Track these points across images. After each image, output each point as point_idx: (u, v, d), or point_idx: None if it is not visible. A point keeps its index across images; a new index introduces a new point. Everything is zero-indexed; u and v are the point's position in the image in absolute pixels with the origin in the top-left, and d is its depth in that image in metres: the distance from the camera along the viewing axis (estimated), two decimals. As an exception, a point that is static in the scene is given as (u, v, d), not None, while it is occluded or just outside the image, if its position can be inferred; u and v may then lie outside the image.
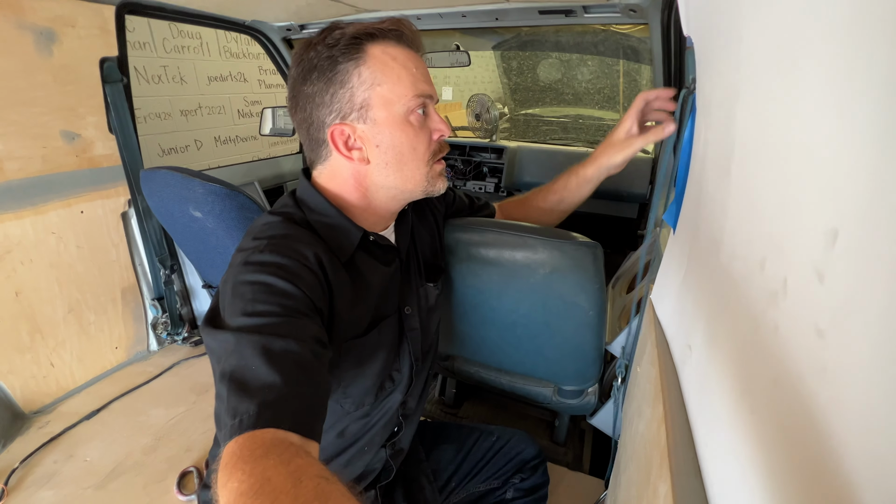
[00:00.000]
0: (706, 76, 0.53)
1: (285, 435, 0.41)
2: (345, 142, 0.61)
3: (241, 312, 0.49)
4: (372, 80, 0.58)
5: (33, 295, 1.23)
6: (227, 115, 3.02)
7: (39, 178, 1.17)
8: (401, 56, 0.59)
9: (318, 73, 0.59)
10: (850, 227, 0.21)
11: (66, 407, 1.32)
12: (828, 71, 0.23)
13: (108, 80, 1.25)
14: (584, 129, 2.61)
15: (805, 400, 0.25)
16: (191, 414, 1.31)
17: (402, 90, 0.59)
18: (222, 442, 0.41)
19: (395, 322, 0.71)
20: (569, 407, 1.08)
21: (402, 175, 0.63)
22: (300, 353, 0.47)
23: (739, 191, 0.38)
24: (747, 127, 0.35)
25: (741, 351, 0.36)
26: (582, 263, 0.78)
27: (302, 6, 1.45)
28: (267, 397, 0.43)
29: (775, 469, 0.28)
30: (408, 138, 0.61)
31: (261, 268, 0.53)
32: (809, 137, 0.25)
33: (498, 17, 1.44)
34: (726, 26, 0.41)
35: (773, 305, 0.30)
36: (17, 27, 1.04)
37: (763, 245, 0.32)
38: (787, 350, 0.28)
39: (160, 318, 1.57)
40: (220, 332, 0.49)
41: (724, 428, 0.37)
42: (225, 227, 1.17)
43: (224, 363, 0.46)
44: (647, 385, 0.64)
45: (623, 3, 1.21)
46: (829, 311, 0.23)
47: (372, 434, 0.73)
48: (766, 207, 0.31)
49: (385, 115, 0.59)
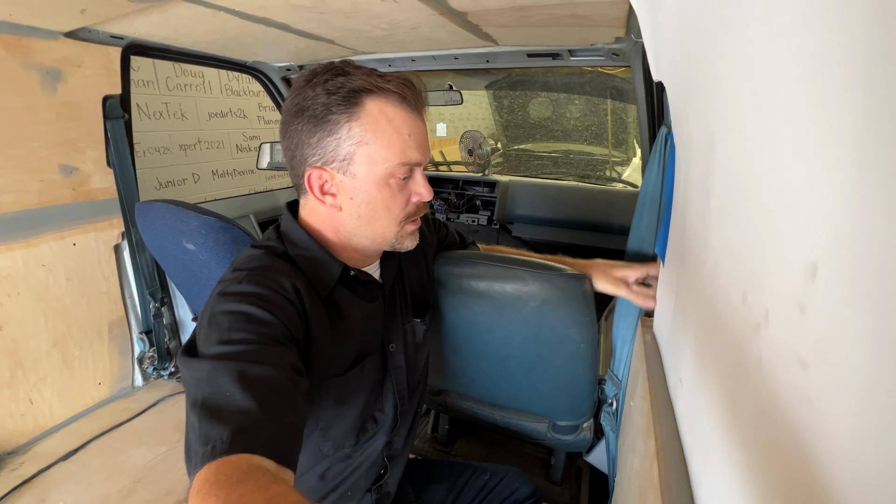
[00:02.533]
0: (682, 117, 0.55)
1: (260, 461, 0.40)
2: (320, 186, 0.61)
3: (217, 341, 0.49)
4: (361, 137, 0.57)
5: (17, 329, 1.20)
6: (226, 150, 3.08)
7: (34, 210, 1.18)
8: (397, 119, 0.58)
9: (309, 114, 0.58)
10: (829, 261, 0.21)
11: (42, 447, 1.26)
12: (801, 113, 0.24)
13: (110, 116, 1.28)
14: (574, 164, 2.68)
15: (791, 430, 0.25)
16: (173, 454, 1.26)
17: (388, 154, 0.58)
18: (192, 470, 0.40)
19: (379, 360, 0.70)
20: (564, 443, 1.06)
21: (371, 229, 0.63)
22: (277, 380, 0.47)
23: (719, 226, 0.39)
24: (725, 167, 0.37)
25: (727, 383, 0.36)
26: (572, 295, 0.78)
27: (301, 48, 1.52)
28: (242, 423, 0.41)
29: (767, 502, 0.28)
30: (383, 198, 0.61)
31: (238, 298, 0.53)
32: (787, 177, 0.26)
33: (489, 59, 1.51)
34: (700, 73, 0.44)
35: (755, 338, 0.30)
36: (25, 67, 1.08)
37: (744, 279, 0.32)
38: (772, 381, 0.28)
39: (147, 353, 1.54)
40: (194, 361, 0.48)
41: (717, 462, 0.37)
42: (217, 259, 1.17)
43: (196, 391, 0.45)
44: (640, 419, 0.64)
45: (606, 48, 1.28)
46: (811, 343, 0.23)
47: (356, 477, 0.70)
48: (745, 243, 0.32)
49: (366, 173, 0.59)
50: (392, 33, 1.28)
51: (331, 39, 1.38)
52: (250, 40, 1.40)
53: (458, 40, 1.36)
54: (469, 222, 2.07)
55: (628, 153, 2.81)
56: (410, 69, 1.66)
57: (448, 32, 1.25)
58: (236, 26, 1.21)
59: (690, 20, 0.43)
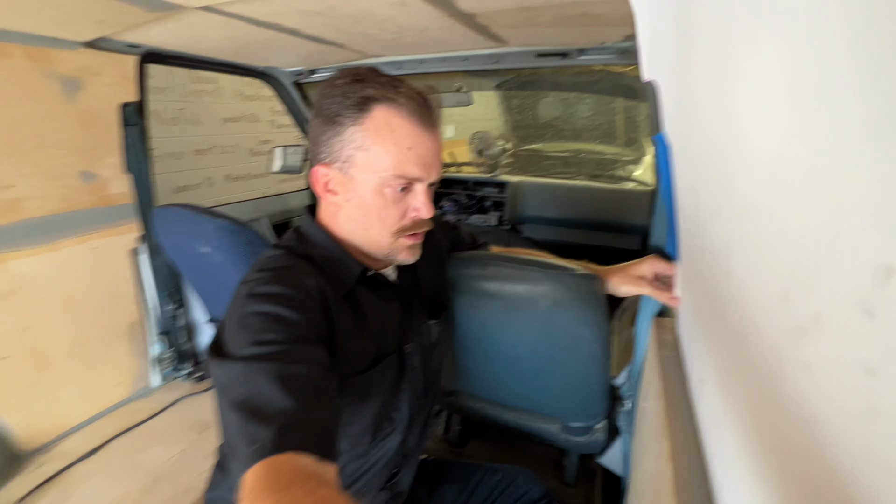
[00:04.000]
0: (683, 118, 0.55)
1: (305, 459, 0.41)
2: (325, 183, 0.62)
3: (250, 342, 0.50)
4: (361, 142, 0.58)
5: (42, 330, 1.24)
6: (240, 154, 3.14)
7: (57, 215, 1.22)
8: (400, 130, 0.58)
9: (324, 114, 0.61)
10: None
11: (64, 445, 1.30)
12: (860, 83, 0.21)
13: (127, 123, 1.32)
14: (584, 164, 2.67)
15: (848, 441, 0.24)
16: (191, 452, 1.28)
17: (383, 164, 0.59)
18: (239, 470, 0.42)
19: (396, 360, 0.70)
20: (577, 444, 1.05)
21: (366, 234, 0.64)
22: (312, 378, 0.48)
23: (748, 226, 0.37)
24: (753, 168, 0.35)
25: (762, 387, 0.34)
26: (584, 295, 0.78)
27: (312, 53, 1.54)
28: (284, 422, 0.43)
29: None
30: (377, 207, 0.61)
31: (266, 298, 0.54)
32: (843, 181, 0.23)
33: (497, 60, 1.51)
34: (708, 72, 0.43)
35: (801, 340, 0.29)
36: (46, 77, 1.12)
37: (784, 279, 0.31)
38: (824, 387, 0.26)
39: (165, 354, 1.57)
40: (227, 362, 0.49)
41: (746, 467, 0.35)
42: (233, 262, 1.19)
43: (234, 392, 0.47)
44: (654, 420, 0.63)
45: (615, 46, 1.27)
46: (882, 349, 0.22)
47: (370, 475, 0.71)
48: (787, 242, 0.31)
49: (362, 178, 0.60)
50: (401, 36, 1.29)
51: (341, 44, 1.40)
52: (262, 46, 1.43)
53: (466, 42, 1.36)
54: (479, 223, 2.07)
55: (640, 152, 2.78)
56: (420, 71, 1.67)
57: (456, 34, 1.25)
58: (248, 33, 1.23)
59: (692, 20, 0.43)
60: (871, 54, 0.20)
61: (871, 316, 0.22)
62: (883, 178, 0.21)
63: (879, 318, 0.21)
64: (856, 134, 0.22)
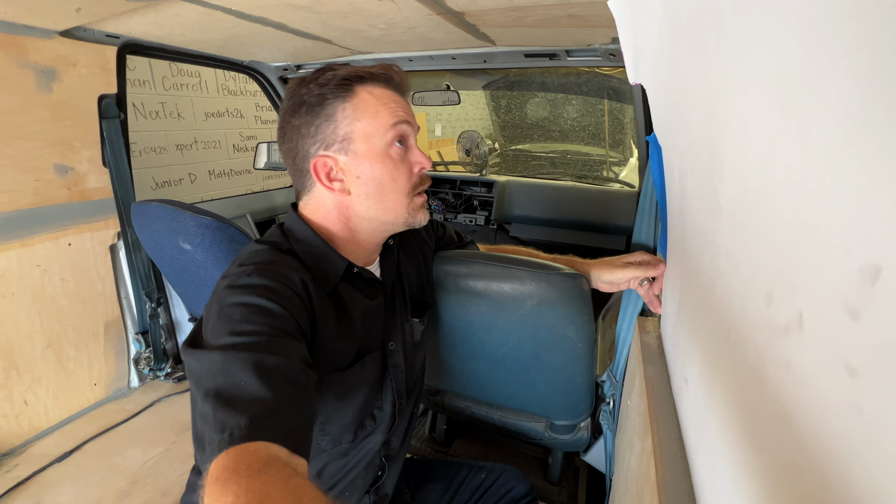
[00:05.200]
0: (670, 119, 0.55)
1: (278, 449, 0.40)
2: (327, 173, 0.62)
3: (229, 332, 0.48)
4: (354, 115, 0.61)
5: (12, 329, 1.20)
6: (223, 150, 3.07)
7: (29, 210, 1.17)
8: (383, 95, 0.63)
9: (307, 107, 0.61)
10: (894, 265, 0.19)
11: (37, 448, 1.25)
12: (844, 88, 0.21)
13: (106, 115, 1.27)
14: (571, 164, 2.69)
15: (829, 440, 0.24)
16: (169, 455, 1.25)
17: (379, 123, 0.62)
18: (207, 458, 0.39)
19: (379, 357, 0.70)
20: (562, 443, 1.06)
21: (382, 206, 0.64)
22: (290, 371, 0.47)
23: (734, 226, 0.37)
24: (740, 168, 0.36)
25: (744, 386, 0.35)
26: (569, 295, 0.78)
27: (298, 48, 1.51)
28: (259, 411, 0.42)
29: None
30: (387, 170, 0.63)
31: (248, 290, 0.53)
32: (829, 182, 0.24)
33: (486, 59, 1.51)
34: (694, 75, 0.44)
35: (784, 340, 0.29)
36: (19, 66, 1.07)
37: (768, 279, 0.31)
38: (806, 386, 0.27)
39: (143, 353, 1.53)
40: (203, 352, 0.48)
41: (726, 464, 0.36)
42: (214, 259, 1.17)
43: (209, 381, 0.45)
44: (638, 418, 0.64)
45: (603, 48, 1.28)
46: (865, 350, 0.22)
47: (353, 477, 0.70)
48: (771, 242, 0.31)
49: (366, 148, 0.62)
50: (389, 33, 1.28)
51: (328, 39, 1.38)
52: (247, 40, 1.40)
53: (455, 40, 1.36)
54: (467, 222, 2.07)
55: (625, 153, 2.82)
56: (408, 69, 1.66)
57: (445, 32, 1.25)
58: (233, 26, 1.20)
59: (680, 24, 0.44)
60: (857, 56, 0.20)
61: (855, 317, 0.22)
62: (868, 180, 0.21)
63: (864, 319, 0.21)
64: (841, 135, 0.22)
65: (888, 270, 0.20)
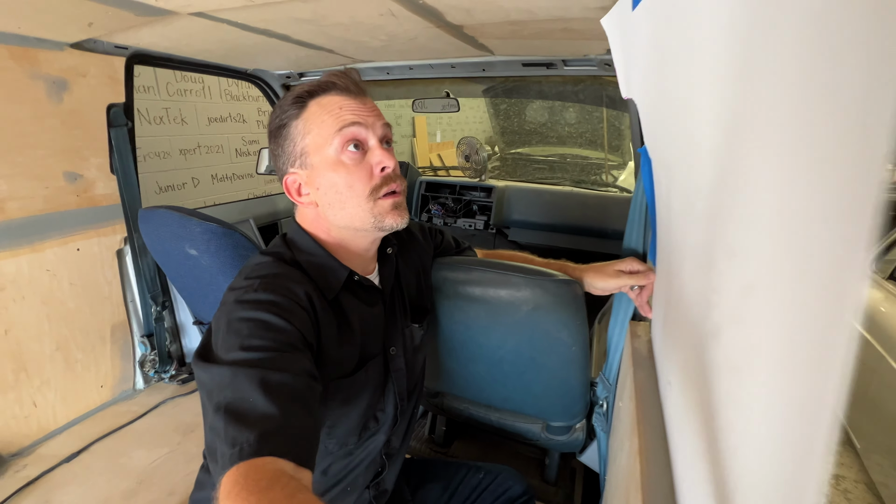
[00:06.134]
0: (657, 133, 0.59)
1: (284, 464, 0.43)
2: (297, 189, 0.66)
3: (238, 347, 0.51)
4: (305, 129, 0.63)
5: (22, 333, 1.23)
6: (225, 154, 3.11)
7: (39, 216, 1.20)
8: (331, 103, 0.63)
9: (275, 132, 0.66)
10: (762, 282, 0.24)
11: (45, 449, 1.28)
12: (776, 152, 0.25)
13: (114, 124, 1.31)
14: (569, 168, 2.72)
15: (730, 432, 0.28)
16: (175, 455, 1.28)
17: (326, 132, 0.62)
18: (219, 471, 0.43)
19: (381, 362, 0.72)
20: (558, 444, 1.08)
21: (346, 213, 0.65)
22: (295, 386, 0.50)
23: (697, 239, 0.42)
24: (701, 183, 0.40)
25: (700, 388, 0.38)
26: (563, 300, 0.81)
27: (301, 57, 1.55)
28: (266, 427, 0.44)
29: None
30: (342, 178, 0.63)
31: (255, 305, 0.55)
32: (738, 204, 0.29)
33: (485, 68, 1.55)
34: (675, 95, 0.47)
35: (715, 345, 0.33)
36: (31, 77, 1.11)
37: (710, 290, 0.35)
38: (718, 386, 0.31)
39: (148, 356, 1.56)
40: (214, 367, 0.51)
41: (699, 462, 0.39)
42: (219, 264, 1.20)
43: (219, 396, 0.48)
44: (627, 419, 0.67)
45: (598, 58, 1.31)
46: (743, 352, 0.26)
47: (355, 474, 0.73)
48: (711, 257, 0.35)
49: (319, 160, 0.63)
50: (390, 44, 1.31)
51: (330, 49, 1.42)
52: (251, 50, 1.43)
53: (454, 50, 1.39)
54: (466, 227, 2.10)
55: (624, 157, 2.85)
56: (408, 77, 1.69)
57: (445, 43, 1.28)
58: (238, 37, 1.23)
59: (660, 46, 0.47)
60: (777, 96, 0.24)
61: (741, 324, 0.26)
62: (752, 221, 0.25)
63: (745, 325, 0.26)
64: (758, 157, 0.26)
65: (758, 286, 0.25)
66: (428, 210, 2.21)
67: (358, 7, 0.96)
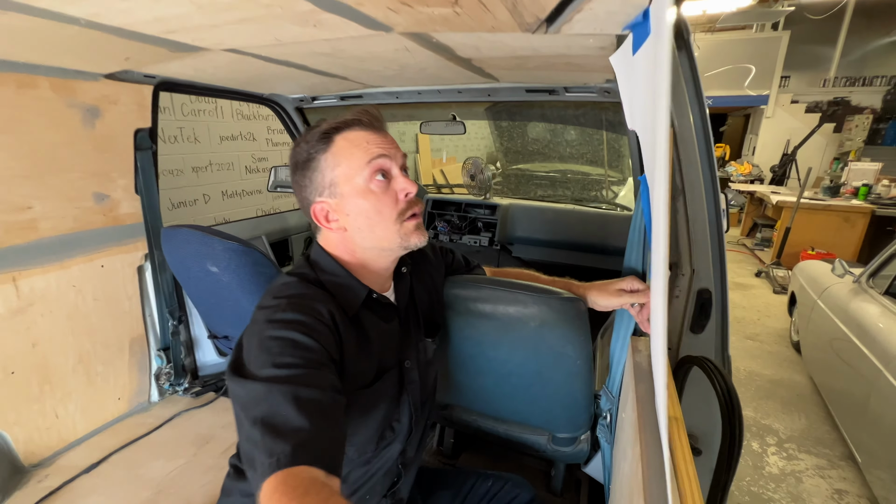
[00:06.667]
0: (651, 165, 0.65)
1: (317, 472, 0.48)
2: (325, 216, 0.72)
3: (270, 364, 0.57)
4: (334, 162, 0.70)
5: (48, 346, 1.28)
6: (236, 171, 3.20)
7: (69, 235, 1.27)
8: (357, 137, 0.71)
9: (301, 165, 0.72)
10: None
11: (65, 460, 1.32)
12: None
13: (140, 147, 1.38)
14: (571, 184, 2.79)
15: None
16: (191, 466, 1.32)
17: (356, 164, 0.70)
18: (258, 478, 0.48)
19: (396, 374, 0.78)
20: (563, 455, 1.12)
21: (375, 235, 0.72)
22: (323, 401, 0.55)
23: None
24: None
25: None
26: (567, 317, 0.87)
27: (316, 83, 1.63)
28: (300, 439, 0.50)
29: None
30: (371, 204, 0.70)
31: (284, 325, 0.61)
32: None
33: (490, 93, 1.63)
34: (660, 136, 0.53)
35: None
36: (68, 106, 1.18)
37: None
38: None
39: (164, 369, 1.61)
40: (248, 382, 0.56)
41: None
42: (238, 281, 1.26)
43: (254, 410, 0.53)
44: (630, 429, 0.71)
45: (598, 87, 1.39)
46: None
47: (373, 482, 0.77)
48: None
49: (349, 188, 0.70)
50: (401, 73, 1.39)
51: (344, 76, 1.50)
52: (269, 77, 1.51)
53: (461, 78, 1.47)
54: (471, 243, 2.16)
55: (624, 173, 2.92)
56: (416, 101, 1.78)
57: (453, 72, 1.36)
58: (260, 67, 1.32)
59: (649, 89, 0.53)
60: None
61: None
62: None
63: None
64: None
65: None
66: (434, 227, 2.27)
67: (375, 43, 1.03)
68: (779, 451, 2.20)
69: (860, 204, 4.45)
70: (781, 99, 6.59)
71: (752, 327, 3.57)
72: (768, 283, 4.47)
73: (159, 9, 0.70)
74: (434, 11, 0.69)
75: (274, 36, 0.89)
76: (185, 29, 0.83)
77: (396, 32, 0.86)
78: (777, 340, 3.35)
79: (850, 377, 2.06)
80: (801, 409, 2.52)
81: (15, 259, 1.17)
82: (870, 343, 1.93)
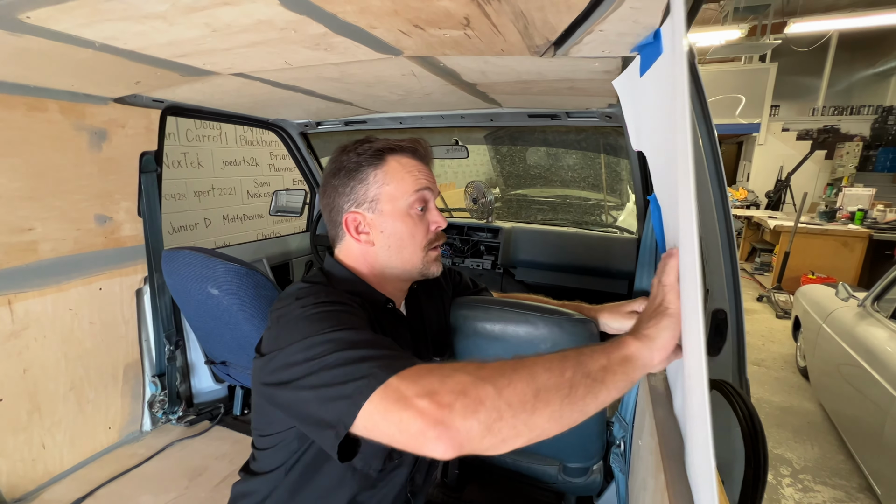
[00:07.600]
0: (666, 187, 0.64)
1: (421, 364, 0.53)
2: (356, 227, 0.74)
3: (330, 327, 0.57)
4: (384, 180, 0.73)
5: (40, 372, 1.24)
6: (237, 196, 3.21)
7: (68, 257, 1.25)
8: (410, 165, 0.75)
9: (345, 171, 0.74)
10: None
11: (49, 494, 1.25)
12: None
13: (145, 170, 1.39)
14: (571, 209, 2.81)
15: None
16: (181, 500, 1.25)
17: (404, 188, 0.73)
18: (374, 384, 0.49)
19: None
20: (575, 486, 1.07)
21: (401, 257, 0.74)
22: (386, 339, 0.58)
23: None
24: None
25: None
26: (580, 338, 0.84)
27: (321, 108, 1.66)
28: (395, 351, 0.55)
29: None
30: (407, 227, 0.74)
31: (325, 304, 0.61)
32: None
33: (493, 118, 1.65)
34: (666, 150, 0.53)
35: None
36: (76, 129, 1.19)
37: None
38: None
39: (158, 396, 1.55)
40: (306, 339, 0.56)
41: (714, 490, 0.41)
42: (240, 304, 1.23)
43: (339, 344, 0.54)
44: (650, 457, 0.68)
45: (600, 111, 1.42)
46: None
47: None
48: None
49: (390, 208, 0.73)
50: (406, 98, 1.42)
51: (349, 102, 1.52)
52: (275, 102, 1.54)
53: (465, 103, 1.50)
54: (474, 266, 2.15)
55: (622, 198, 2.94)
56: (420, 126, 1.80)
57: (457, 97, 1.38)
58: (266, 92, 1.34)
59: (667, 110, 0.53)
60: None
61: None
62: None
63: None
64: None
65: None
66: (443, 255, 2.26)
67: (383, 68, 1.05)
68: (794, 482, 2.12)
69: (858, 228, 4.48)
70: (773, 127, 6.76)
71: (757, 353, 3.52)
72: (770, 308, 4.44)
73: (175, 32, 0.71)
74: (445, 34, 0.70)
75: (284, 60, 0.91)
76: (198, 53, 0.85)
77: (405, 56, 0.88)
78: (783, 366, 3.29)
79: (863, 404, 2.01)
80: (814, 437, 2.45)
81: (12, 281, 1.15)
82: (880, 368, 1.89)
